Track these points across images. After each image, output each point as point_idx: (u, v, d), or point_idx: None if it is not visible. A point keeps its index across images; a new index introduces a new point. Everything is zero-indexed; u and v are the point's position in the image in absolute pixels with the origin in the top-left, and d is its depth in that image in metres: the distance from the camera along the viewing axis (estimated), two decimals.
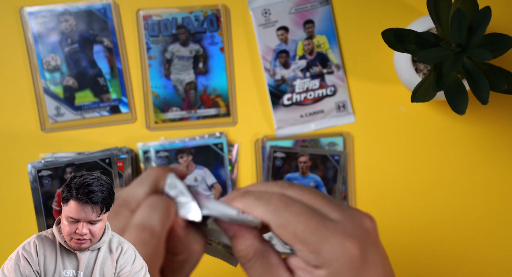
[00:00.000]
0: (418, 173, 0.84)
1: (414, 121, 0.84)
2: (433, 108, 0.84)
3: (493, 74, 0.71)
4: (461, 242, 0.84)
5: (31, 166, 0.80)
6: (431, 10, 0.71)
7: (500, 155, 0.84)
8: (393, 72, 0.83)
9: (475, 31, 0.69)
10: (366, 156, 0.84)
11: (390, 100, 0.84)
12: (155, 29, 0.83)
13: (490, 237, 0.84)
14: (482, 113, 0.84)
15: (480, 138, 0.84)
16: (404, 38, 0.73)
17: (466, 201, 0.84)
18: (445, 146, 0.84)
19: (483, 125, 0.84)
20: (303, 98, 0.84)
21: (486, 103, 0.68)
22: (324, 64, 0.84)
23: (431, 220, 0.84)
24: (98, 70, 0.83)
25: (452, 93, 0.72)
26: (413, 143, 0.84)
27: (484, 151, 0.84)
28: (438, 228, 0.84)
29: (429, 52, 0.71)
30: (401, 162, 0.84)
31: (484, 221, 0.84)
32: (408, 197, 0.84)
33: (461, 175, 0.84)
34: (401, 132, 0.84)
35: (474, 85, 0.70)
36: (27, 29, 0.82)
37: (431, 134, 0.84)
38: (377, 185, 0.84)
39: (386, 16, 0.84)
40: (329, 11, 0.84)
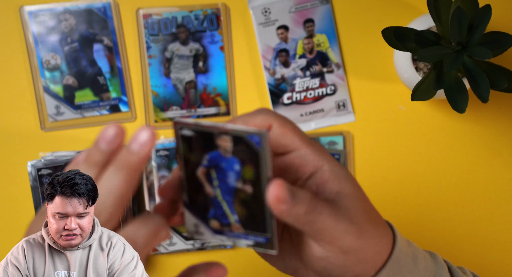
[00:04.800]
0: (418, 172, 0.84)
1: (414, 120, 0.84)
2: (433, 107, 0.84)
3: (493, 72, 0.71)
4: (461, 242, 0.84)
5: (31, 165, 0.80)
6: (431, 9, 0.71)
7: (501, 154, 0.84)
8: (393, 71, 0.83)
9: (475, 30, 0.69)
10: (366, 154, 0.84)
11: (390, 99, 0.84)
12: (155, 28, 0.83)
13: (490, 237, 0.84)
14: (483, 112, 0.84)
15: (481, 137, 0.84)
16: (404, 36, 0.72)
17: (467, 200, 0.84)
18: (446, 145, 0.84)
19: (484, 124, 0.84)
20: (303, 97, 0.83)
21: (487, 101, 0.68)
22: (324, 63, 0.84)
23: (431, 219, 0.84)
24: (98, 69, 0.83)
25: (452, 92, 0.71)
26: (413, 142, 0.84)
27: (485, 150, 0.84)
28: (438, 228, 0.84)
29: (429, 50, 0.71)
30: (401, 161, 0.84)
31: (484, 221, 0.84)
32: (408, 196, 0.84)
33: (461, 174, 0.84)
34: (401, 131, 0.84)
35: (474, 84, 0.70)
36: (26, 28, 0.82)
37: (431, 133, 0.84)
38: (377, 183, 0.84)
39: (386, 14, 0.84)
40: (329, 10, 0.84)
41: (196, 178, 0.46)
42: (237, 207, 0.46)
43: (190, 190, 0.47)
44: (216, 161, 0.45)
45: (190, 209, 0.47)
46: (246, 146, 0.43)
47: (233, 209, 0.46)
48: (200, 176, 0.46)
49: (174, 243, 0.82)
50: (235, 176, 0.45)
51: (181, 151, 0.45)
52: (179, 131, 0.45)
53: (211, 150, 0.45)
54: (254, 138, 0.43)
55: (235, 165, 0.44)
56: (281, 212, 0.43)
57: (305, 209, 0.44)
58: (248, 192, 0.45)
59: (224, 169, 0.45)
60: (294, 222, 0.44)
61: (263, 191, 0.44)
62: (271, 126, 0.47)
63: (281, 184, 0.43)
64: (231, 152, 0.44)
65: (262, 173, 0.44)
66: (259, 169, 0.44)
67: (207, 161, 0.45)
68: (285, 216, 0.44)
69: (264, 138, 0.43)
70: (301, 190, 0.45)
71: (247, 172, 0.44)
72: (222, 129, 0.44)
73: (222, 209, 0.46)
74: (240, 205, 0.45)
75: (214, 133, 0.44)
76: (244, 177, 0.44)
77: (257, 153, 0.43)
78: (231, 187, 0.45)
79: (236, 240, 0.47)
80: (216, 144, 0.44)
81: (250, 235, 0.46)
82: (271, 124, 0.47)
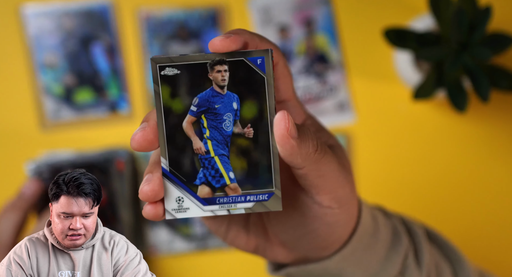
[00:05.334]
0: (419, 172, 0.84)
1: (415, 120, 0.84)
2: (434, 107, 0.84)
3: (493, 72, 0.71)
4: (461, 242, 0.84)
5: (30, 164, 0.80)
6: (431, 9, 0.71)
7: (501, 153, 0.84)
8: (393, 71, 0.83)
9: (475, 30, 0.69)
10: (366, 154, 0.84)
11: (391, 99, 0.84)
12: (155, 27, 0.83)
13: (491, 237, 0.84)
14: (483, 112, 0.84)
15: (481, 137, 0.84)
16: (405, 37, 0.73)
17: (467, 200, 0.84)
18: (446, 145, 0.84)
19: (485, 125, 0.84)
20: (303, 97, 0.83)
21: (487, 100, 0.69)
22: (325, 63, 0.84)
23: (432, 219, 0.84)
24: (97, 69, 0.83)
25: (453, 91, 0.72)
26: (414, 141, 0.84)
27: (486, 150, 0.84)
28: (439, 228, 0.84)
29: (430, 50, 0.71)
30: (403, 160, 0.84)
31: (485, 221, 0.84)
32: (409, 196, 0.84)
33: (462, 173, 0.84)
34: (402, 130, 0.84)
35: (474, 83, 0.70)
36: (26, 27, 0.82)
37: (432, 133, 0.84)
38: (378, 183, 0.84)
39: (386, 15, 0.84)
40: (330, 10, 0.84)
41: (180, 133, 0.38)
42: (234, 161, 0.38)
43: (172, 152, 0.39)
44: (208, 103, 0.38)
45: (171, 179, 0.39)
46: (246, 74, 0.37)
47: (229, 164, 0.39)
48: (187, 128, 0.38)
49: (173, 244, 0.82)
50: (232, 118, 0.38)
51: (160, 101, 0.38)
52: (159, 72, 0.37)
53: (202, 88, 0.38)
54: (255, 61, 0.37)
55: (233, 103, 0.38)
56: (291, 148, 0.38)
57: (315, 144, 0.39)
58: (249, 136, 0.38)
59: (218, 111, 0.38)
60: (304, 160, 0.39)
61: (268, 129, 0.38)
62: None
63: (289, 116, 0.37)
64: (226, 86, 0.37)
65: (266, 106, 0.37)
66: (262, 101, 0.37)
67: (197, 105, 0.38)
68: (294, 153, 0.38)
69: (268, 58, 0.37)
70: (303, 125, 0.40)
71: (248, 108, 0.38)
72: (217, 56, 0.37)
73: (215, 168, 0.39)
74: (238, 157, 0.38)
75: (207, 63, 0.37)
76: (243, 117, 0.38)
77: (261, 80, 0.37)
78: (227, 135, 0.38)
79: (232, 206, 0.39)
80: (209, 78, 0.37)
81: (249, 195, 0.39)
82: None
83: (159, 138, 0.39)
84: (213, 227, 0.47)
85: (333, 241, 0.46)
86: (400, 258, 0.49)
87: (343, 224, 0.45)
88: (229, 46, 0.37)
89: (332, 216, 0.44)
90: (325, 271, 0.47)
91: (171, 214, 0.40)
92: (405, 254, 0.50)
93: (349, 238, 0.47)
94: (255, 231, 0.48)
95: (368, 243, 0.48)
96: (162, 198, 0.40)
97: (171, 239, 0.82)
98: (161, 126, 0.38)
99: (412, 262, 0.50)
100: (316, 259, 0.48)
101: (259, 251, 0.49)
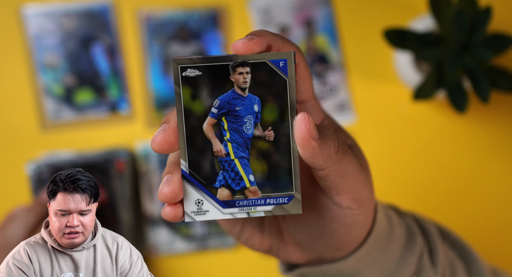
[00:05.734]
0: (419, 172, 0.84)
1: (415, 121, 0.84)
2: (434, 107, 0.84)
3: (493, 72, 0.71)
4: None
5: (31, 165, 0.80)
6: (432, 10, 0.71)
7: (501, 154, 0.84)
8: (393, 71, 0.83)
9: (475, 31, 0.69)
10: (367, 155, 0.83)
11: (391, 99, 0.84)
12: (155, 27, 0.83)
13: (491, 237, 0.84)
14: (484, 112, 0.84)
15: (482, 137, 0.84)
16: (405, 37, 0.73)
17: (468, 200, 0.84)
18: (446, 145, 0.84)
19: (485, 125, 0.84)
20: None
21: (487, 100, 0.69)
22: (325, 63, 0.84)
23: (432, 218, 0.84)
24: (98, 69, 0.83)
25: (453, 92, 0.72)
26: (414, 142, 0.84)
27: (486, 150, 0.84)
28: None
29: (430, 51, 0.71)
30: (403, 161, 0.84)
31: (485, 221, 0.84)
32: (409, 196, 0.84)
33: (462, 174, 0.84)
34: (402, 131, 0.84)
35: (474, 83, 0.70)
36: (26, 28, 0.82)
37: (432, 134, 0.84)
38: (378, 183, 0.83)
39: (387, 15, 0.84)
40: (330, 11, 0.84)
41: (200, 135, 0.38)
42: (254, 164, 0.38)
43: (191, 154, 0.38)
44: (229, 105, 0.38)
45: (191, 181, 0.39)
46: (268, 76, 0.37)
47: (249, 167, 0.38)
48: (207, 130, 0.38)
49: (173, 245, 0.82)
50: (253, 120, 0.38)
51: (181, 102, 0.38)
52: (181, 74, 0.37)
53: (223, 90, 0.37)
54: (278, 63, 0.36)
55: (254, 105, 0.38)
56: (312, 149, 0.38)
57: (336, 145, 0.39)
58: (270, 138, 0.38)
59: (239, 113, 0.38)
60: (325, 161, 0.39)
61: (289, 132, 0.37)
62: None
63: (309, 117, 0.37)
64: (248, 88, 0.37)
65: (287, 109, 0.37)
66: (283, 104, 0.37)
67: (218, 107, 0.38)
68: (315, 155, 0.38)
69: (291, 61, 0.36)
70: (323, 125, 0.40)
71: (269, 111, 0.37)
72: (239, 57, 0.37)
73: (234, 170, 0.38)
74: (258, 160, 0.38)
75: (228, 65, 0.37)
76: (264, 120, 0.37)
77: (283, 82, 0.37)
78: (247, 137, 0.38)
79: (251, 209, 0.39)
80: (231, 80, 0.37)
81: (269, 198, 0.38)
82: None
83: (179, 140, 0.38)
84: (227, 226, 0.47)
85: (350, 242, 0.46)
86: (415, 259, 0.49)
87: (361, 225, 0.45)
88: (252, 48, 0.37)
89: (351, 217, 0.44)
90: (339, 272, 0.47)
91: (190, 216, 0.39)
92: (420, 254, 0.50)
93: (365, 238, 0.47)
94: (270, 231, 0.47)
95: (384, 244, 0.47)
96: (181, 199, 0.39)
97: (171, 239, 0.82)
98: (182, 128, 0.38)
99: (427, 262, 0.50)
100: (331, 259, 0.47)
101: (272, 251, 0.48)
